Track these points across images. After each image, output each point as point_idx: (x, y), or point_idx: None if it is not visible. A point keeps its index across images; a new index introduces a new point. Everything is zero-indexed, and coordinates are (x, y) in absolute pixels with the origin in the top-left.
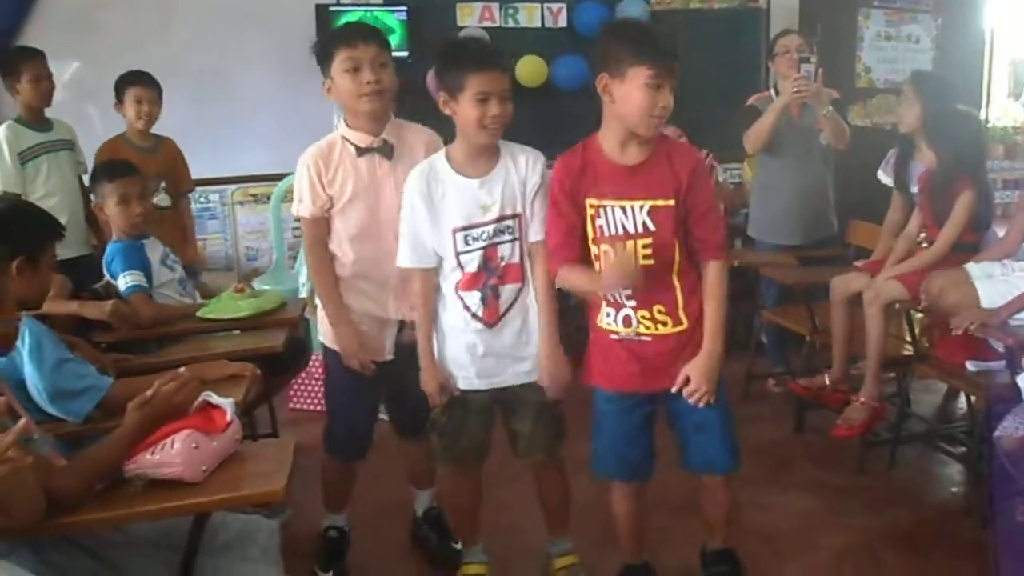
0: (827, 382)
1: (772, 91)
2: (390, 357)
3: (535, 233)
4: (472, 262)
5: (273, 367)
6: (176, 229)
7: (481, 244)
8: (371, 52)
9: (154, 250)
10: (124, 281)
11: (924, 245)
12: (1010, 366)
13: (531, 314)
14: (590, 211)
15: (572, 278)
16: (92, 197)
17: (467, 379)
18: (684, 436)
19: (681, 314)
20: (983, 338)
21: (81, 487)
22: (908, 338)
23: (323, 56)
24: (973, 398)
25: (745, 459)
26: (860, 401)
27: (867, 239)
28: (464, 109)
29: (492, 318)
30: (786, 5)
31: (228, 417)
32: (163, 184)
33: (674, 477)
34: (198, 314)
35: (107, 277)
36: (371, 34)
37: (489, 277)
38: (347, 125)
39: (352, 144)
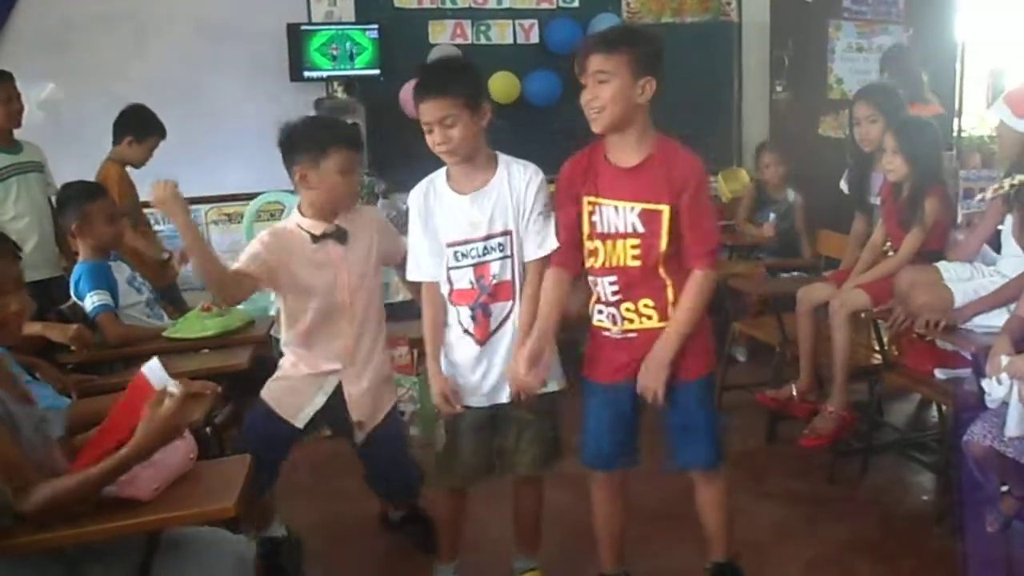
0: (794, 393)
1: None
2: (300, 426)
3: (531, 252)
4: (462, 279)
5: (242, 385)
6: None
7: (470, 261)
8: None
9: (120, 271)
10: (91, 301)
11: (890, 255)
12: (976, 373)
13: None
14: (587, 208)
15: (546, 291)
16: (65, 221)
17: (465, 395)
18: (672, 434)
19: (670, 310)
20: (951, 345)
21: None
22: (877, 347)
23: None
24: (943, 406)
25: None
26: (828, 411)
27: (836, 249)
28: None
29: (482, 335)
30: (757, 19)
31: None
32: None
33: (651, 485)
34: (165, 334)
35: (74, 298)
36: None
37: (481, 295)
38: (300, 214)
39: (307, 232)
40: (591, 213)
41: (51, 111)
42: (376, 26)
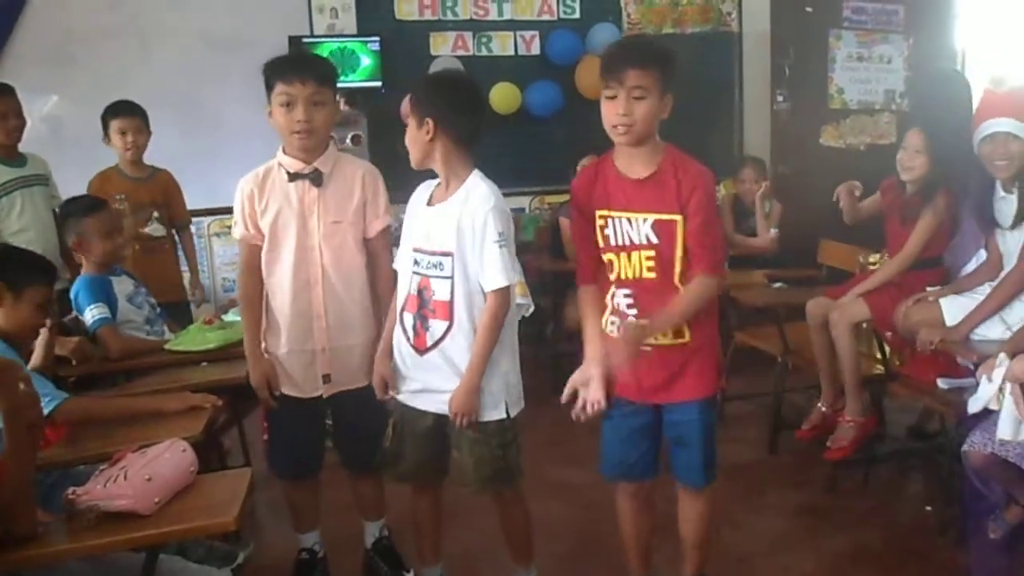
0: (824, 410)
1: None
2: (317, 394)
3: (485, 283)
4: (412, 284)
5: (242, 394)
6: (168, 260)
7: (419, 270)
8: (307, 90)
9: (123, 287)
10: (91, 314)
11: (878, 264)
12: (978, 383)
13: (457, 357)
14: (599, 222)
15: (584, 309)
16: (65, 235)
17: (401, 390)
18: (670, 447)
19: (684, 327)
20: (953, 356)
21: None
22: (879, 357)
23: (266, 84)
24: (945, 416)
25: (719, 479)
26: (847, 421)
27: (837, 259)
28: None
29: (421, 346)
30: (758, 29)
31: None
32: (155, 214)
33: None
34: (166, 346)
35: (75, 311)
36: (308, 70)
37: (422, 306)
38: (283, 151)
39: (284, 169)
40: (603, 227)
41: (55, 124)
42: (377, 38)
